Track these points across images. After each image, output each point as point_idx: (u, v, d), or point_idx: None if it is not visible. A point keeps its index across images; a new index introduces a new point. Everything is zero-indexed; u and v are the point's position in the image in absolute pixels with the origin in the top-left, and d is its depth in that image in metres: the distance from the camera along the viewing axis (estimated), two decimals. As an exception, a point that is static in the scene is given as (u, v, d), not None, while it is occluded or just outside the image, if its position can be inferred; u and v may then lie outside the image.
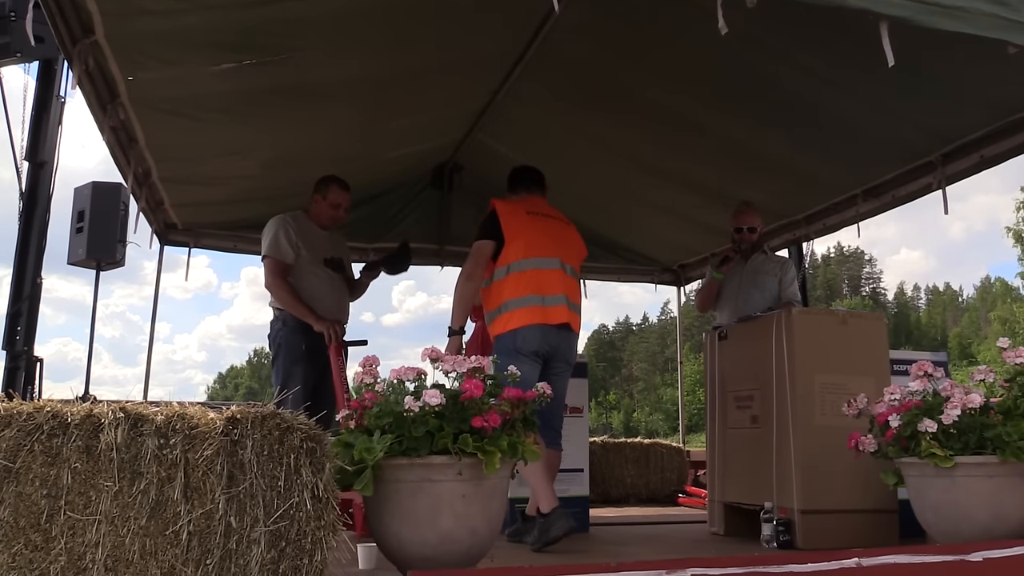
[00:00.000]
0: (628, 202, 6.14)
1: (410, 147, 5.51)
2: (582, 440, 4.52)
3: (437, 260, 6.80)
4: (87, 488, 2.08)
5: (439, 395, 2.41)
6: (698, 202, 5.72)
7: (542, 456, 3.54)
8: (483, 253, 3.87)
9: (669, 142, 5.01)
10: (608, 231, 6.86)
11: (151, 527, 2.08)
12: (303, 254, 4.41)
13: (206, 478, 2.11)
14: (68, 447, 2.09)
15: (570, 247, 4.05)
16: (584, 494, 4.44)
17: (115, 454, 2.09)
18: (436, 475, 2.37)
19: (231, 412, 2.17)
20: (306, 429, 2.16)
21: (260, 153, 4.89)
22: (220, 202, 5.61)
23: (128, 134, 4.28)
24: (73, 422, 2.11)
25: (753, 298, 4.88)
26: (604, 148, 5.34)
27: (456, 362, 2.52)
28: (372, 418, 2.46)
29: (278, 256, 4.37)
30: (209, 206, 5.66)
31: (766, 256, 5.14)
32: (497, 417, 2.43)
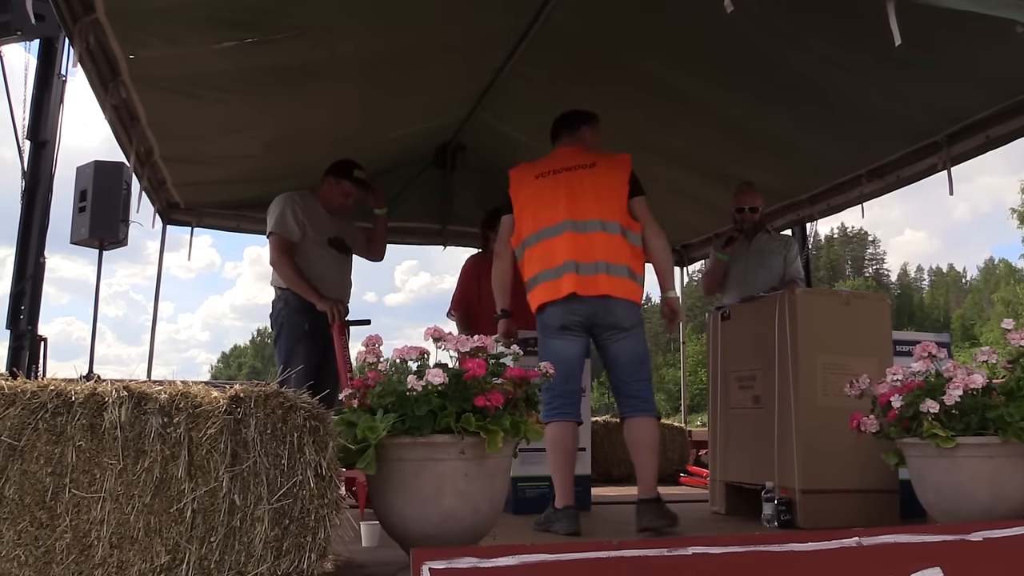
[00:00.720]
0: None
1: (412, 126, 5.49)
2: (584, 419, 4.53)
3: (440, 240, 6.80)
4: (91, 466, 2.10)
5: (442, 374, 2.41)
6: (700, 181, 5.70)
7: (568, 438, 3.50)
8: (504, 228, 3.77)
9: (671, 120, 4.98)
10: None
11: (155, 505, 2.09)
12: (309, 233, 4.41)
13: (210, 456, 2.12)
14: (72, 425, 2.10)
15: (589, 199, 3.62)
16: (586, 473, 4.45)
17: (119, 432, 2.10)
18: (439, 454, 2.38)
19: (235, 391, 2.18)
20: (309, 408, 2.17)
21: (262, 132, 4.87)
22: (222, 181, 5.60)
23: (130, 113, 4.27)
24: (77, 400, 2.11)
25: (760, 278, 4.88)
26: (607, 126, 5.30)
27: (459, 341, 2.53)
28: (375, 397, 2.47)
29: (284, 233, 4.37)
30: (211, 185, 5.65)
31: (770, 235, 5.14)
32: (500, 396, 2.43)
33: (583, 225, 3.60)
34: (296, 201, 4.42)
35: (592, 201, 3.64)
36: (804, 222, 6.05)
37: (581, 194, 3.64)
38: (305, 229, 4.39)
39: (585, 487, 4.41)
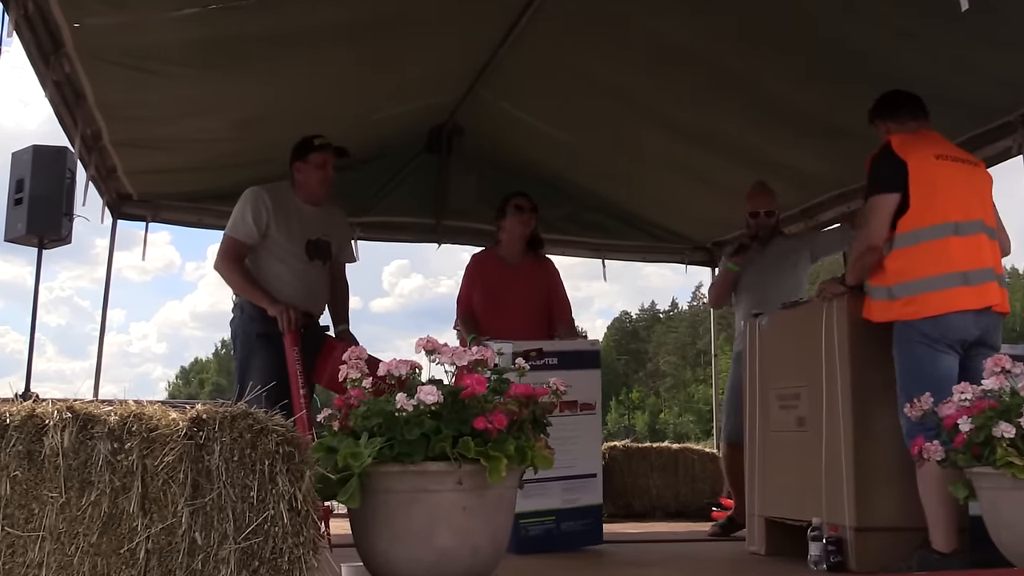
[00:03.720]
0: (655, 169, 6.11)
1: (401, 106, 5.50)
2: (593, 441, 4.52)
3: (434, 237, 6.80)
4: (29, 500, 2.09)
5: (436, 392, 2.40)
6: (737, 169, 5.69)
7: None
8: (887, 212, 3.54)
9: (704, 100, 4.98)
10: (631, 203, 6.85)
11: (103, 545, 2.09)
12: (274, 235, 4.35)
13: (167, 488, 2.12)
14: (6, 452, 2.09)
15: (988, 200, 3.63)
16: (596, 503, 4.44)
17: (61, 460, 2.09)
18: (432, 484, 2.37)
19: (196, 412, 2.17)
20: (282, 431, 2.16)
21: (229, 112, 4.88)
22: (182, 169, 5.61)
23: (75, 90, 4.28)
24: (12, 424, 2.11)
25: (777, 287, 4.90)
26: (626, 106, 5.32)
27: (455, 354, 2.52)
28: (359, 418, 2.47)
29: (236, 235, 4.33)
30: (170, 173, 5.66)
31: (786, 239, 5.19)
32: (503, 417, 2.43)
33: (990, 231, 3.62)
34: (263, 198, 4.32)
35: (990, 202, 3.68)
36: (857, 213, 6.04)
37: (981, 192, 3.66)
38: (268, 231, 4.34)
39: (595, 518, 4.42)
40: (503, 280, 4.90)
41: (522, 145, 6.26)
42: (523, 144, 6.23)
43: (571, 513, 4.31)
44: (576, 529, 4.34)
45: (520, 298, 4.84)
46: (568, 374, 4.07)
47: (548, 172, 6.52)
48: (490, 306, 4.85)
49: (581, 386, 4.30)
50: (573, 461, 4.26)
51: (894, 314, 3.53)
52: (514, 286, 4.88)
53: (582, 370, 4.36)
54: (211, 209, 6.07)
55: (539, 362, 4.18)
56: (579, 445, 4.29)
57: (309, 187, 4.45)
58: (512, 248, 4.98)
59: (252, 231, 4.31)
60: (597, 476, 4.47)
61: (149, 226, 6.14)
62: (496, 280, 4.90)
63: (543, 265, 5.07)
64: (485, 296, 4.90)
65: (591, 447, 4.50)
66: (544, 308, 4.92)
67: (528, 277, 4.94)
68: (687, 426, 66.76)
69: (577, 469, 4.32)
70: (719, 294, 5.31)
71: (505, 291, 4.86)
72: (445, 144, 6.22)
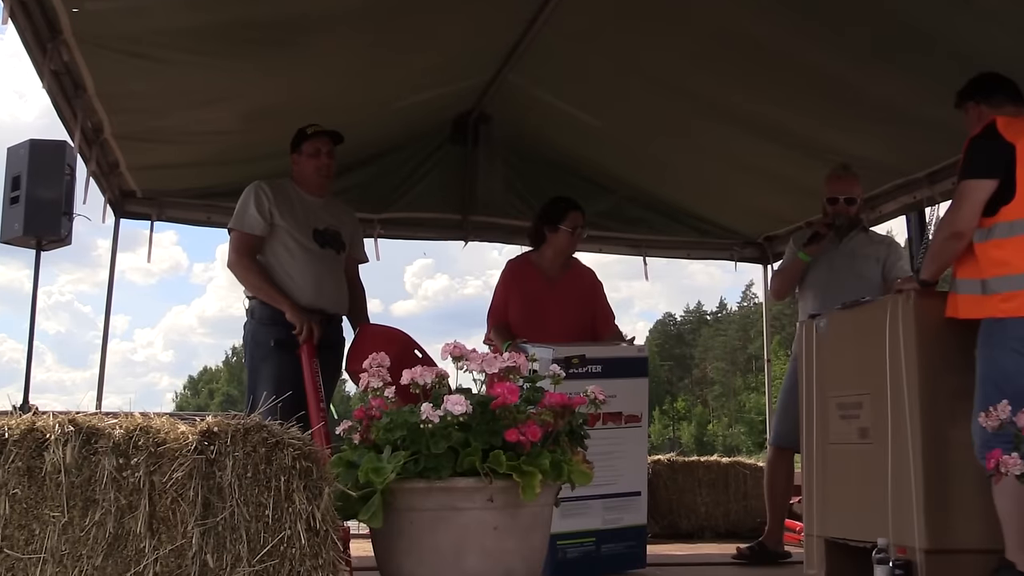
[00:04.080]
0: (701, 158, 6.09)
1: (423, 93, 5.51)
2: (639, 456, 4.50)
3: (460, 234, 6.80)
4: (29, 520, 2.11)
5: (464, 402, 2.41)
6: (792, 157, 5.65)
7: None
8: (979, 199, 3.50)
9: (754, 82, 4.94)
10: (676, 195, 6.82)
11: (108, 567, 2.10)
12: (279, 223, 4.43)
13: (176, 506, 2.13)
14: (5, 469, 2.11)
15: None
16: (640, 523, 4.43)
17: (63, 477, 2.11)
18: (461, 502, 2.37)
19: (206, 424, 2.19)
20: (299, 445, 2.18)
21: (238, 103, 4.91)
22: (190, 164, 5.65)
23: (74, 80, 4.32)
24: (11, 438, 2.13)
25: (848, 288, 4.82)
26: (669, 90, 5.29)
27: (485, 361, 2.52)
28: (381, 431, 2.47)
29: (243, 228, 4.42)
30: (176, 169, 5.71)
31: (867, 235, 5.07)
32: (537, 429, 2.43)
33: None
34: (263, 189, 4.46)
35: None
36: (922, 207, 5.97)
37: None
38: (274, 219, 4.42)
39: (638, 540, 4.40)
40: (543, 292, 4.87)
41: (555, 134, 6.25)
42: (556, 133, 6.23)
43: (613, 534, 4.30)
44: (618, 552, 4.33)
45: (560, 312, 4.80)
46: (613, 383, 4.09)
47: (583, 163, 6.50)
48: (528, 320, 4.81)
49: (627, 396, 4.30)
50: (616, 477, 4.25)
51: (988, 310, 3.46)
52: (555, 299, 4.84)
53: (628, 379, 4.36)
54: (220, 206, 6.09)
55: (582, 369, 4.19)
56: (623, 460, 4.28)
57: (306, 178, 4.58)
58: (555, 259, 4.95)
59: (258, 221, 4.40)
60: (642, 494, 4.45)
61: (154, 225, 6.19)
62: (535, 292, 4.87)
63: (585, 275, 5.05)
64: (523, 308, 4.86)
65: (636, 463, 4.48)
66: (587, 322, 4.89)
67: (570, 289, 4.91)
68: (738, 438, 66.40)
69: (620, 486, 4.31)
70: (784, 285, 5.16)
71: (545, 304, 4.83)
72: (471, 134, 6.23)
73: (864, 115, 5.03)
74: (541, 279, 4.91)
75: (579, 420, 2.68)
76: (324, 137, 4.56)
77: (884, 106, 4.91)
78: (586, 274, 5.08)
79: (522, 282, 4.93)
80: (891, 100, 4.83)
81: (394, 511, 2.38)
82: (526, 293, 4.87)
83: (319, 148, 4.55)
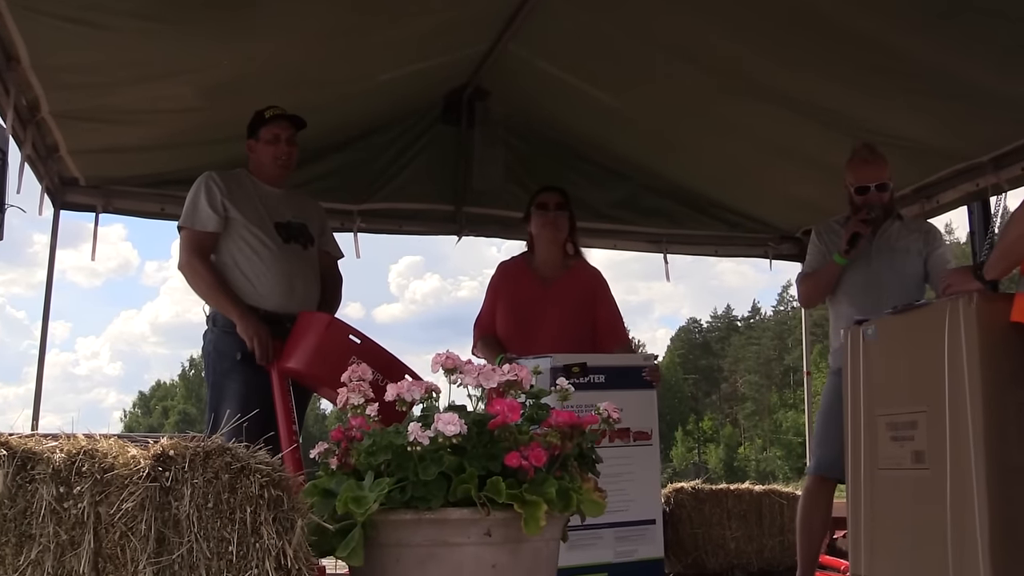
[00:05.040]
0: (731, 140, 6.09)
1: (410, 65, 5.51)
2: (651, 479, 4.51)
3: (453, 227, 6.82)
4: (-43, 557, 2.11)
5: (458, 421, 2.41)
6: (835, 138, 5.64)
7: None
8: None
9: (793, 52, 4.95)
10: (702, 182, 6.82)
11: (48, 612, 2.10)
12: (235, 217, 4.44)
13: (126, 542, 2.13)
14: (-71, 498, 2.11)
15: None
16: (657, 556, 4.43)
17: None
18: (454, 536, 2.37)
19: (160, 447, 2.19)
20: (268, 471, 2.18)
21: (198, 76, 4.91)
22: (141, 147, 5.66)
23: (5, 49, 4.32)
24: (-64, 463, 2.13)
25: (890, 288, 4.83)
26: (692, 62, 5.29)
27: (482, 374, 2.52)
28: (362, 454, 2.47)
29: (194, 225, 4.44)
30: (125, 153, 5.71)
31: (902, 223, 5.08)
32: (542, 452, 2.43)
33: None
34: (214, 180, 4.49)
35: None
36: (986, 195, 5.98)
37: None
38: (228, 213, 4.44)
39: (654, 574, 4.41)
40: (535, 297, 4.90)
41: (563, 113, 6.26)
42: (564, 111, 6.23)
43: (626, 569, 4.31)
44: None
45: (553, 320, 4.82)
46: (619, 395, 4.08)
47: (595, 146, 6.51)
48: (516, 329, 4.86)
49: (635, 410, 4.34)
50: (627, 503, 4.28)
51: None
52: (548, 305, 4.87)
53: (635, 390, 4.41)
54: (176, 196, 6.06)
55: (583, 380, 4.23)
56: (634, 484, 4.30)
57: (264, 166, 4.63)
58: (547, 256, 4.99)
59: (210, 215, 4.43)
60: (657, 523, 4.47)
61: (99, 218, 6.18)
62: (526, 297, 4.91)
63: (585, 275, 5.06)
64: (511, 316, 4.90)
65: (649, 487, 4.50)
66: (587, 332, 4.90)
67: (565, 293, 4.93)
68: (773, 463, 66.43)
69: (632, 513, 4.33)
70: (816, 290, 5.15)
71: (536, 311, 4.86)
72: (466, 112, 6.25)
73: (919, 89, 5.03)
74: (534, 282, 4.95)
75: (590, 442, 2.69)
76: (284, 122, 4.60)
77: (943, 79, 4.91)
78: (586, 274, 5.09)
79: (512, 285, 4.97)
80: (951, 72, 4.83)
81: (377, 547, 2.38)
82: (515, 299, 4.91)
83: (278, 134, 4.59)
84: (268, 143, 4.58)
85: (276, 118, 4.59)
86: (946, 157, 5.77)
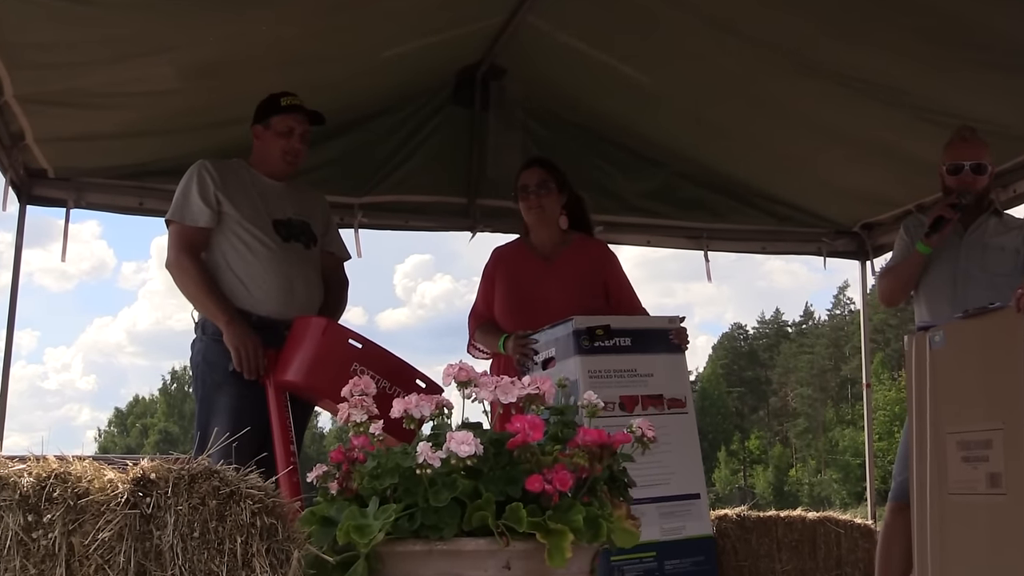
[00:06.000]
0: (777, 122, 6.07)
1: (417, 40, 5.52)
2: (691, 450, 4.49)
3: (466, 222, 6.83)
4: (-85, 593, 2.12)
5: (473, 440, 2.41)
6: (899, 120, 5.62)
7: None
8: None
9: (847, 24, 4.93)
10: (744, 170, 6.81)
11: (17, 654, 2.12)
12: (229, 212, 4.45)
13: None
14: None
15: None
16: (707, 534, 4.42)
17: (-42, 538, 2.13)
18: (469, 569, 2.38)
19: (141, 470, 2.19)
20: (261, 497, 2.18)
21: (180, 55, 4.92)
22: (117, 134, 5.67)
23: (-35, 26, 4.35)
24: None
25: (979, 289, 4.80)
26: (735, 34, 5.28)
27: (500, 387, 2.53)
28: (366, 478, 2.48)
29: (184, 220, 4.44)
30: (100, 141, 5.72)
31: (1000, 220, 5.05)
32: (568, 476, 2.43)
33: None
34: (207, 170, 4.48)
35: None
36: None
37: None
38: (222, 208, 4.45)
39: (707, 555, 4.43)
40: (536, 274, 4.94)
41: (588, 92, 6.26)
42: (590, 91, 6.23)
43: (675, 548, 4.34)
44: (684, 570, 4.33)
45: (556, 297, 4.81)
46: (647, 359, 4.36)
47: (625, 130, 6.51)
48: (519, 309, 4.88)
49: (665, 375, 4.42)
50: (668, 476, 4.31)
51: None
52: (549, 282, 4.90)
53: (664, 354, 4.49)
54: (157, 189, 6.11)
55: (608, 343, 4.33)
56: (672, 455, 4.30)
57: (270, 159, 4.63)
58: (543, 237, 5.01)
59: (201, 209, 4.43)
60: (702, 498, 4.47)
61: (71, 214, 6.18)
62: (527, 275, 4.95)
63: (588, 249, 5.08)
64: (512, 297, 4.94)
65: (689, 458, 4.51)
66: (597, 309, 4.81)
67: (571, 268, 4.95)
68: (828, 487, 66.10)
69: (674, 487, 4.36)
70: (897, 285, 5.14)
71: (536, 290, 4.89)
72: (479, 92, 6.26)
73: (996, 63, 5.00)
74: (534, 260, 4.99)
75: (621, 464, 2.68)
76: (301, 114, 4.59)
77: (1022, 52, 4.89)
78: (593, 248, 5.12)
79: (510, 266, 5.01)
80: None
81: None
82: (514, 279, 4.97)
83: (292, 127, 4.58)
84: (280, 135, 4.57)
85: (293, 108, 4.58)
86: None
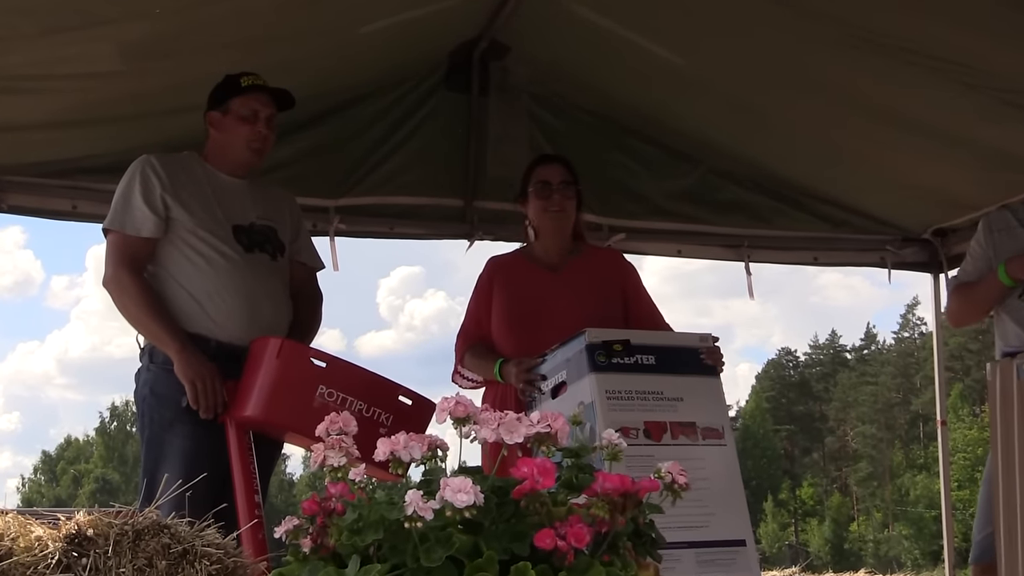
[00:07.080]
0: (832, 109, 6.09)
1: (403, 12, 5.53)
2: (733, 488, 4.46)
3: (462, 228, 6.84)
4: None
5: (472, 488, 2.42)
6: (982, 105, 5.63)
7: None
8: None
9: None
10: (793, 167, 6.82)
11: None
12: (180, 218, 4.45)
13: (30, 651, 2.15)
14: None
15: None
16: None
17: None
18: (468, 642, 2.38)
19: (75, 525, 2.21)
20: (218, 556, 2.19)
21: (122, 29, 4.94)
22: (45, 124, 5.68)
23: None
24: None
25: None
26: (786, 5, 5.30)
27: (505, 423, 2.53)
28: (344, 533, 2.49)
29: (124, 228, 4.44)
30: (24, 132, 5.73)
31: None
32: (584, 530, 2.43)
33: None
34: (152, 168, 4.48)
35: None
36: None
37: None
38: (170, 213, 4.44)
39: None
40: (541, 285, 4.96)
41: (607, 75, 6.28)
42: (609, 73, 6.25)
43: None
44: None
45: (569, 309, 4.81)
46: (675, 380, 4.32)
47: (651, 120, 6.53)
48: (519, 327, 4.89)
49: (697, 400, 4.38)
50: (707, 516, 4.23)
51: None
52: (560, 292, 4.91)
53: (695, 376, 4.46)
54: (93, 189, 6.11)
55: (628, 359, 4.30)
56: (711, 493, 4.23)
57: (230, 150, 4.63)
58: (552, 245, 5.03)
59: (146, 215, 4.42)
60: (748, 546, 4.44)
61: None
62: (530, 286, 4.96)
63: (607, 257, 5.12)
64: (511, 312, 4.93)
65: (732, 496, 4.45)
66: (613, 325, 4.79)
67: (582, 277, 4.97)
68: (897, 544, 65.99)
69: (715, 531, 4.26)
70: (970, 306, 5.23)
71: (541, 304, 4.91)
72: (478, 75, 6.29)
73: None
74: (538, 270, 5.00)
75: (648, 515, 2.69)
76: (265, 95, 4.58)
77: None
78: (604, 255, 5.18)
79: (510, 275, 5.03)
80: None
81: (365, 657, 2.40)
82: (515, 291, 4.97)
83: (256, 110, 4.56)
84: (242, 120, 4.55)
85: (256, 88, 4.57)
86: None
